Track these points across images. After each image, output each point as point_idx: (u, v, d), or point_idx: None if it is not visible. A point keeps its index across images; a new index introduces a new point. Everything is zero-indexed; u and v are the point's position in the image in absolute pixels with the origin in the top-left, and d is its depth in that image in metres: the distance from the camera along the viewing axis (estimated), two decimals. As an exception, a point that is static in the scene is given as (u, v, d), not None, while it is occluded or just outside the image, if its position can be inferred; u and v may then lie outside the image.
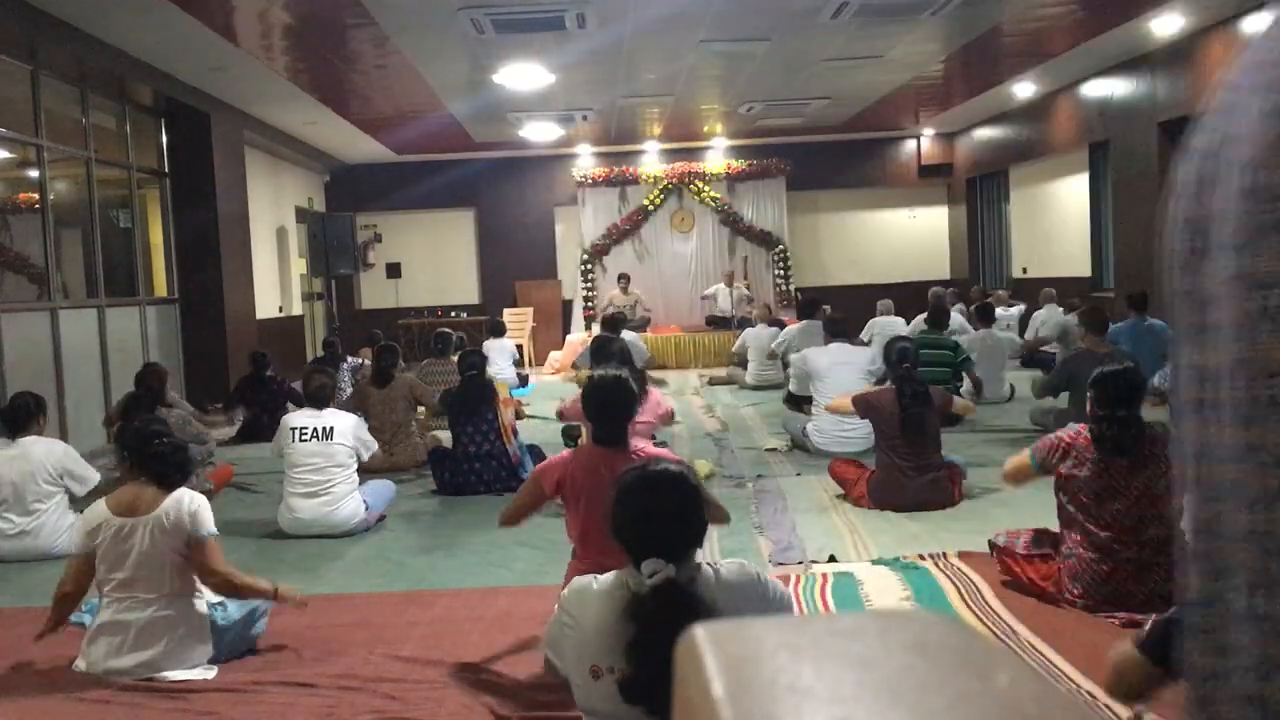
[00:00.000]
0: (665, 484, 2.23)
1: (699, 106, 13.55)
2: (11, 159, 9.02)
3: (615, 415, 3.40)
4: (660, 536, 2.15)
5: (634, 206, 16.31)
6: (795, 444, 7.34)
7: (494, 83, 10.87)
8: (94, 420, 8.52)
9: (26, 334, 7.97)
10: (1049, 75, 12.32)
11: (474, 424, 6.48)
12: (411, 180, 16.65)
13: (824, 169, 16.80)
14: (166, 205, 10.82)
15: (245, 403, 9.23)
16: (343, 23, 8.55)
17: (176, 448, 3.72)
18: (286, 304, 14.20)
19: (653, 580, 2.08)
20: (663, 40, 9.63)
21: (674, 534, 2.17)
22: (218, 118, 10.93)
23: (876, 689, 0.49)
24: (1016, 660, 0.53)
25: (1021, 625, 3.64)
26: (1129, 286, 10.22)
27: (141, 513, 3.55)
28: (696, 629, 0.60)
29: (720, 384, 11.61)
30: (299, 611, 3.84)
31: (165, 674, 3.50)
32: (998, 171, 15.95)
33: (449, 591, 4.38)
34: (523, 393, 10.61)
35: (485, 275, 17.17)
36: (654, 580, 2.08)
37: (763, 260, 16.43)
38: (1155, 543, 3.65)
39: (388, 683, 3.38)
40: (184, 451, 3.78)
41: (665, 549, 2.13)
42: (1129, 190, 11.73)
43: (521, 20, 8.50)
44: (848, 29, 9.44)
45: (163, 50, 8.86)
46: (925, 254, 17.41)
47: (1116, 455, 3.67)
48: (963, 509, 5.43)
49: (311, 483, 5.51)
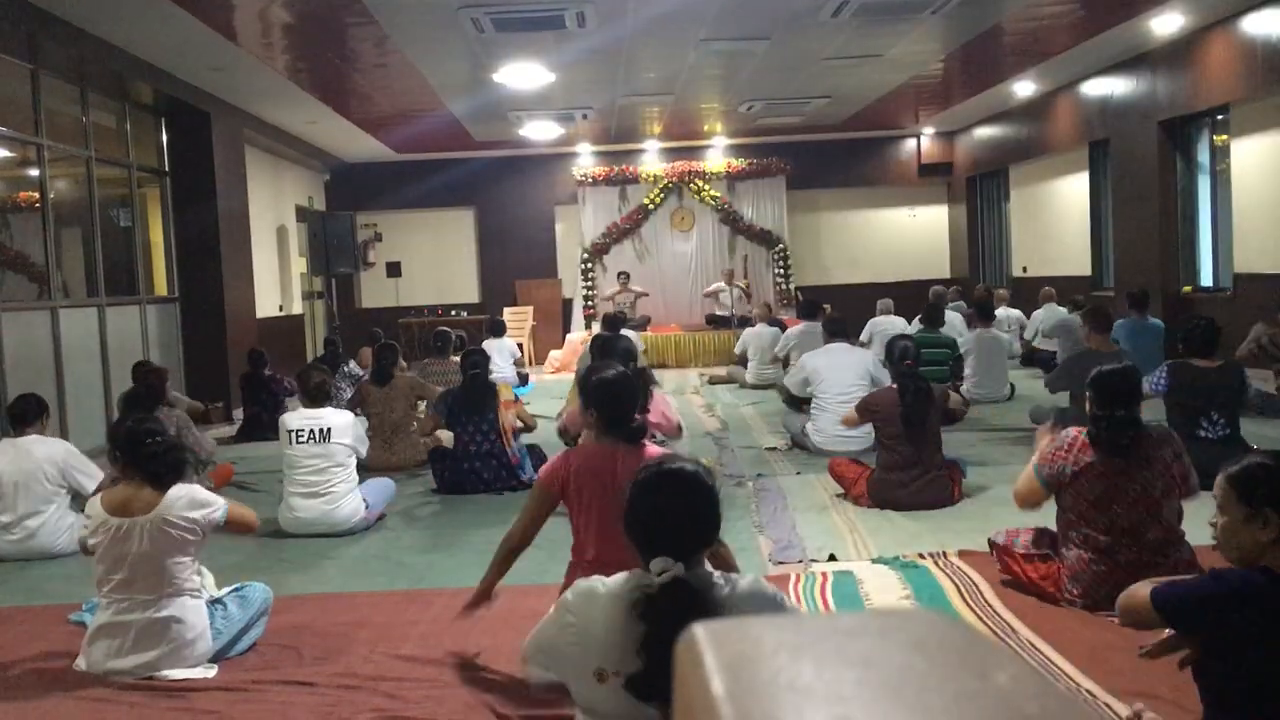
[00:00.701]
0: (680, 482, 2.22)
1: (699, 105, 13.54)
2: (12, 158, 9.02)
3: (623, 408, 3.35)
4: (671, 535, 2.15)
5: (634, 205, 16.31)
6: (795, 443, 7.34)
7: (494, 81, 10.87)
8: (94, 419, 8.52)
9: (27, 333, 7.97)
10: (1049, 74, 12.32)
11: (475, 423, 6.48)
12: (412, 179, 16.65)
13: (824, 168, 16.80)
14: (166, 204, 10.81)
15: (244, 401, 9.24)
16: (343, 22, 8.54)
17: (170, 446, 3.69)
18: (287, 303, 14.19)
19: (661, 579, 2.08)
20: (663, 39, 9.63)
21: (685, 533, 2.16)
22: (218, 116, 10.93)
23: (876, 688, 0.49)
24: (1016, 659, 0.53)
25: (1021, 624, 3.64)
26: (1129, 285, 10.22)
27: (138, 513, 3.54)
28: (696, 628, 0.60)
29: (720, 383, 11.61)
30: (299, 611, 3.84)
31: (165, 673, 3.50)
32: (998, 170, 15.95)
33: (449, 590, 4.37)
34: (523, 392, 10.61)
35: (485, 274, 17.17)
36: (663, 579, 2.08)
37: (763, 259, 16.42)
38: (1155, 544, 3.65)
39: (388, 681, 3.38)
40: (178, 450, 3.75)
41: (675, 548, 2.13)
42: (1129, 189, 11.72)
43: (521, 19, 8.50)
44: (848, 28, 9.44)
45: (163, 49, 8.85)
46: (925, 253, 17.41)
47: (1114, 455, 3.66)
48: (963, 508, 5.43)
49: (311, 482, 5.52)
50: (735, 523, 5.31)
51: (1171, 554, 3.65)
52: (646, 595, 2.09)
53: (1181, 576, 2.73)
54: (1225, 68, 9.80)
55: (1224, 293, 10.43)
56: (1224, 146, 10.49)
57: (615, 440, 3.31)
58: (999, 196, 16.28)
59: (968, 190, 16.77)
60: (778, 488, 6.09)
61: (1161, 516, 3.66)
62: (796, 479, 6.36)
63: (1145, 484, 3.66)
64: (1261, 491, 2.37)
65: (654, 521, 2.17)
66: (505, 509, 5.93)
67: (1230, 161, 10.26)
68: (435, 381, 7.88)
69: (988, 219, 16.66)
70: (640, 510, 2.20)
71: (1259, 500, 2.37)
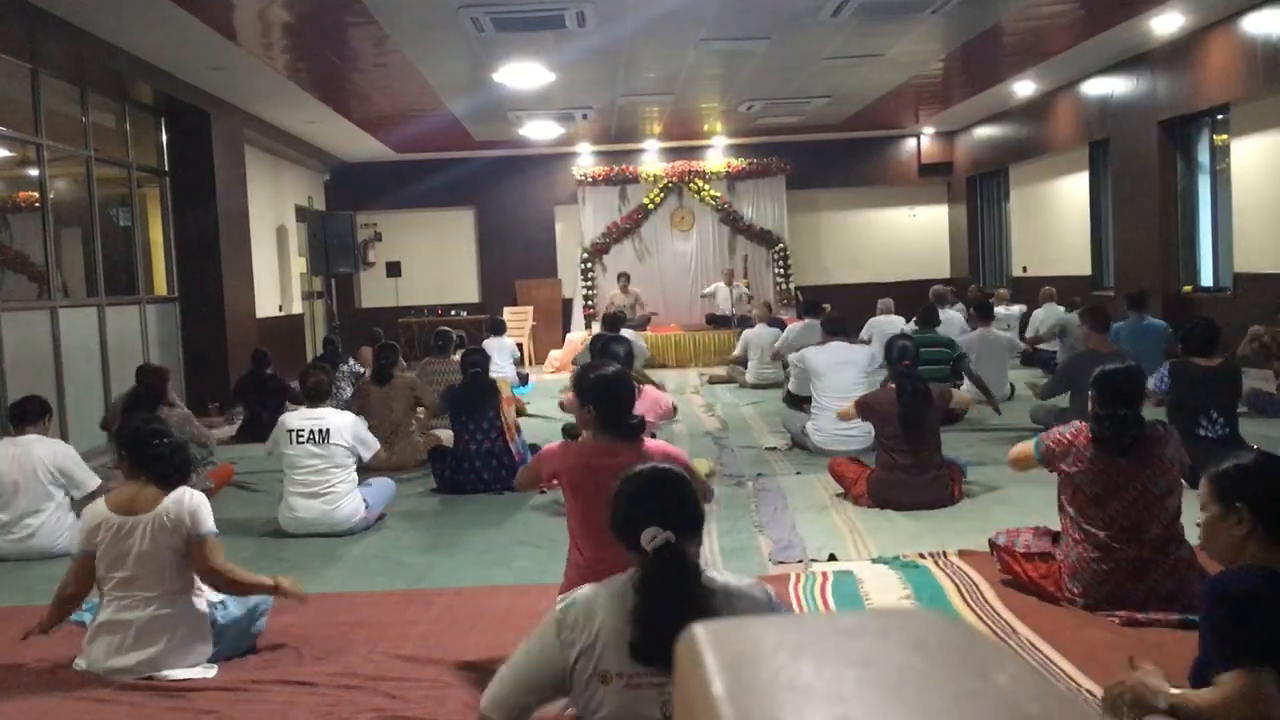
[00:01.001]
0: (654, 470, 2.32)
1: (699, 105, 13.54)
2: (11, 158, 9.02)
3: (620, 405, 3.36)
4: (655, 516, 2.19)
5: (634, 205, 16.31)
6: (795, 443, 7.34)
7: (494, 81, 10.87)
8: (94, 419, 8.50)
9: (26, 333, 7.96)
10: (1049, 74, 12.32)
11: (476, 422, 6.48)
12: (411, 179, 16.65)
13: (824, 168, 16.80)
14: (166, 204, 10.81)
15: (245, 401, 9.23)
16: (343, 21, 8.54)
17: (176, 447, 3.72)
18: (286, 303, 14.19)
19: (654, 544, 2.13)
20: (663, 39, 9.63)
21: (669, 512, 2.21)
22: (218, 116, 10.92)
23: (876, 687, 0.48)
24: (1016, 659, 0.53)
25: (1021, 624, 3.64)
26: (1129, 285, 10.22)
27: (140, 511, 3.55)
28: (696, 628, 0.60)
29: (720, 383, 11.61)
30: (299, 610, 3.85)
31: (165, 672, 3.50)
32: (998, 170, 15.95)
33: (449, 590, 4.37)
34: (522, 392, 10.61)
35: (485, 274, 17.17)
36: (655, 544, 2.13)
37: (763, 259, 16.42)
38: (1155, 542, 3.65)
39: (388, 681, 3.38)
40: (184, 451, 3.78)
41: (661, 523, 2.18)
42: (1129, 189, 11.72)
43: (521, 19, 8.50)
44: (847, 27, 9.44)
45: (163, 49, 8.85)
46: (925, 253, 17.40)
47: (1116, 454, 3.67)
48: (963, 508, 5.43)
49: (311, 483, 5.51)
50: (735, 523, 5.31)
51: (1172, 552, 3.65)
52: (639, 570, 2.15)
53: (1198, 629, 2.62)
54: (1225, 67, 9.80)
55: (1224, 292, 10.43)
56: (1224, 146, 10.49)
57: (614, 438, 3.32)
58: (999, 196, 16.28)
59: (968, 190, 16.77)
60: (778, 487, 6.09)
61: (1162, 514, 3.66)
62: (796, 479, 6.36)
63: (1146, 482, 3.66)
64: (1234, 488, 2.45)
65: (635, 508, 2.22)
66: (505, 509, 5.94)
67: (1230, 161, 10.26)
68: (436, 381, 7.88)
69: (988, 219, 16.66)
70: (622, 501, 2.26)
71: (1231, 496, 2.45)
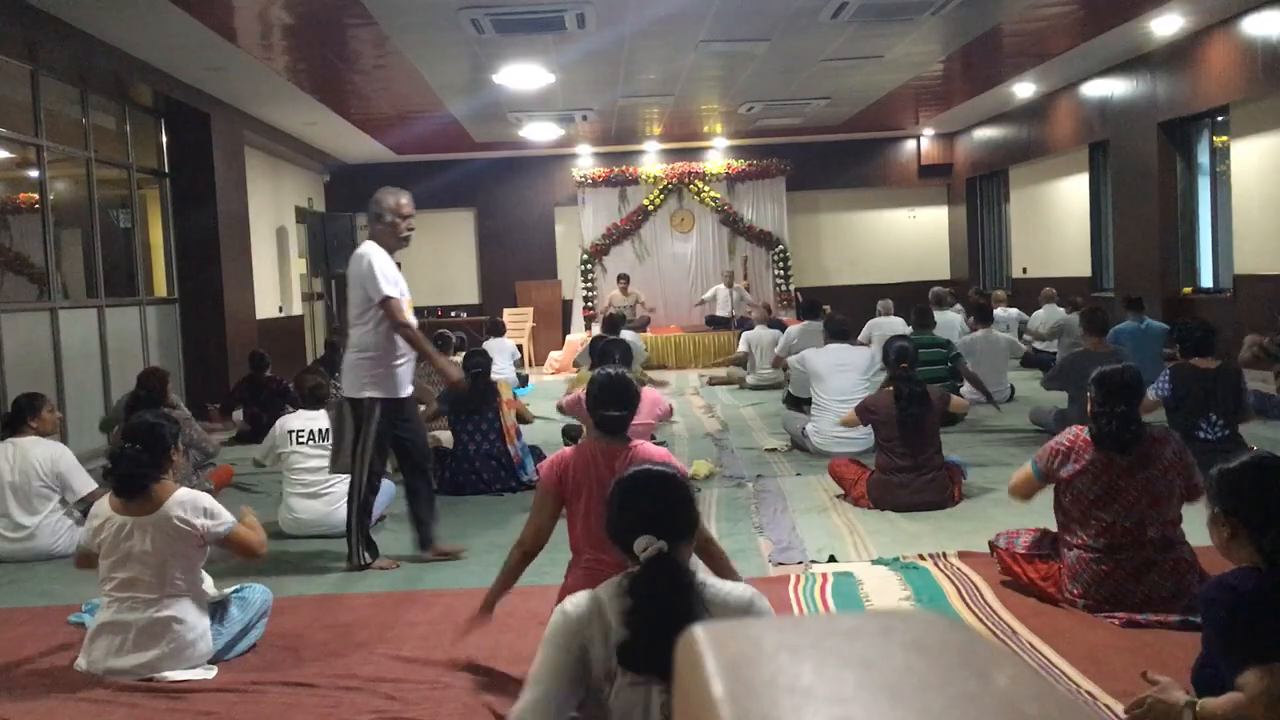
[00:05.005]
0: (654, 484, 2.32)
1: (699, 106, 13.55)
2: (11, 159, 9.02)
3: (619, 407, 3.37)
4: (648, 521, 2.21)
5: (634, 206, 16.31)
6: (795, 444, 7.34)
7: (494, 83, 10.87)
8: (94, 420, 8.51)
9: (26, 334, 7.96)
10: (1049, 75, 12.32)
11: (475, 423, 6.48)
12: (411, 180, 16.53)
13: (824, 169, 16.81)
14: (166, 205, 10.81)
15: (245, 403, 9.22)
16: (342, 22, 8.55)
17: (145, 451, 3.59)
18: (286, 304, 14.19)
19: (646, 554, 2.15)
20: (663, 40, 9.63)
21: (661, 517, 2.23)
22: (217, 118, 10.93)
23: (876, 689, 0.48)
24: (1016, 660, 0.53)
25: (1021, 625, 3.63)
26: (1128, 287, 10.23)
27: (139, 513, 3.54)
28: (696, 629, 0.60)
29: (720, 384, 11.61)
30: (299, 612, 3.84)
31: (165, 674, 3.50)
32: (997, 172, 15.96)
33: (449, 591, 4.37)
34: (522, 393, 10.60)
35: (485, 275, 17.17)
36: (647, 554, 2.15)
37: (763, 260, 16.43)
38: (1155, 543, 3.65)
39: (388, 683, 3.38)
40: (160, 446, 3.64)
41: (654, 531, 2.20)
42: (1129, 190, 11.73)
43: (521, 20, 8.50)
44: (847, 29, 9.44)
45: (163, 50, 8.85)
46: (925, 254, 17.41)
47: (1116, 452, 3.67)
48: (963, 509, 5.43)
49: (311, 483, 5.52)
50: (735, 524, 5.31)
51: (1171, 553, 3.65)
52: (632, 574, 2.18)
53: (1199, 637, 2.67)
54: (1225, 68, 9.80)
55: (1224, 294, 10.43)
56: (1224, 147, 10.49)
57: (611, 440, 3.35)
58: (999, 198, 16.29)
59: (968, 191, 16.78)
60: (778, 489, 6.09)
61: (1162, 515, 3.66)
62: (796, 480, 6.36)
63: (1146, 483, 3.66)
64: (1217, 491, 2.53)
65: (629, 513, 2.25)
66: (505, 510, 5.94)
67: (1230, 162, 10.26)
68: (435, 382, 7.87)
69: (988, 220, 16.67)
70: (615, 505, 2.29)
71: (1213, 500, 2.53)
